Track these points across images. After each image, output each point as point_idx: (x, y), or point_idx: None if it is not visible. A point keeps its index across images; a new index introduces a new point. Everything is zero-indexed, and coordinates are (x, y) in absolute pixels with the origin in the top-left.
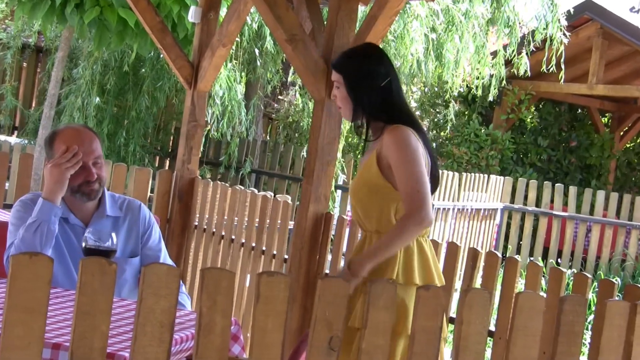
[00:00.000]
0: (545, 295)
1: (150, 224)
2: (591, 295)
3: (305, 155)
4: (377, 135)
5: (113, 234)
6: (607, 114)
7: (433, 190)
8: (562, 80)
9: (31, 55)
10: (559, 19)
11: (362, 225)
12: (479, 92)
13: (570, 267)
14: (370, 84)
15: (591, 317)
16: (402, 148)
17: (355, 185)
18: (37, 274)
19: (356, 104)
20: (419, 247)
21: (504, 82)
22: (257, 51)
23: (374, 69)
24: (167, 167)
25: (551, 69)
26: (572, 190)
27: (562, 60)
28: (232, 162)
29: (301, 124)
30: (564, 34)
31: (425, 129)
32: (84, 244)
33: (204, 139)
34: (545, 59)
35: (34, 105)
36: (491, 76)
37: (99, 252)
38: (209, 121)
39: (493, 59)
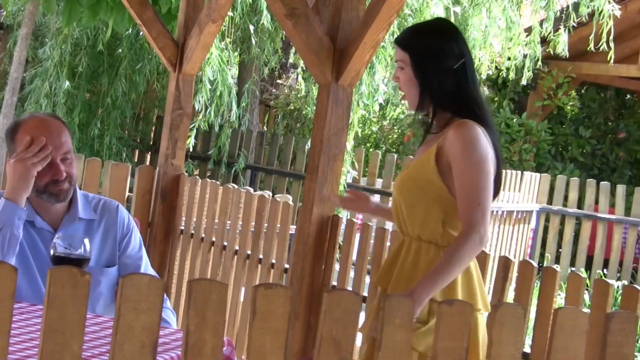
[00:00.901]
0: (588, 311)
1: (130, 229)
2: None
3: (308, 149)
4: (441, 128)
5: (86, 240)
6: None
7: (494, 197)
8: (611, 61)
9: None
10: None
11: (401, 228)
12: (511, 75)
13: (619, 279)
14: (441, 65)
15: None
16: (468, 150)
17: (403, 179)
18: None
19: (424, 89)
20: None
21: (540, 63)
22: (252, 28)
23: (446, 47)
24: (148, 163)
25: (601, 47)
26: (620, 189)
27: (611, 37)
28: (224, 157)
29: (304, 112)
30: (613, 7)
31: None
32: (52, 252)
33: (190, 130)
34: (592, 35)
35: None
36: (525, 56)
37: (69, 261)
38: (196, 109)
39: (527, 36)
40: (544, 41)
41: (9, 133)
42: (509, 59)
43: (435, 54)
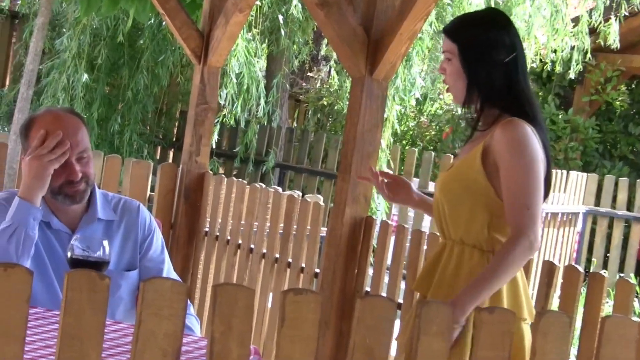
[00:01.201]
0: (638, 320)
1: (151, 230)
2: None
3: (340, 146)
4: (488, 126)
5: (105, 242)
6: None
7: (544, 199)
8: None
9: (4, 23)
10: None
11: (443, 230)
12: (557, 68)
13: None
14: (491, 57)
15: None
16: (517, 150)
17: (447, 178)
18: (13, 290)
19: (472, 83)
20: None
21: (588, 55)
22: (281, 18)
23: (498, 39)
24: (170, 160)
25: None
26: None
27: None
28: (251, 154)
29: (336, 108)
30: None
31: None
32: (69, 254)
33: (215, 126)
34: None
35: (7, 83)
36: (572, 48)
37: (88, 264)
38: (222, 104)
39: (574, 26)
40: (593, 32)
41: (23, 129)
42: (554, 51)
43: (486, 45)
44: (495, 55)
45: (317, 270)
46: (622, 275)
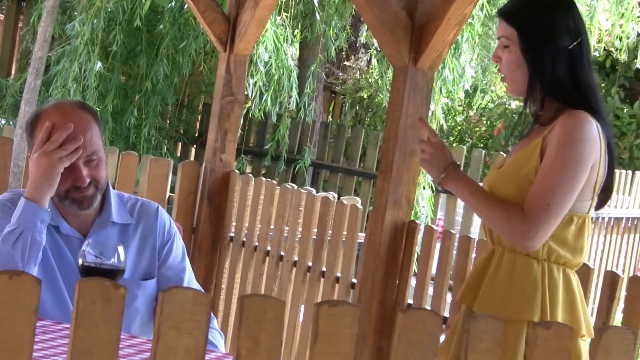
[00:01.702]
0: None
1: (171, 235)
2: None
3: (380, 143)
4: (547, 121)
5: (120, 248)
6: None
7: (598, 207)
8: None
9: (9, 6)
10: None
11: (491, 235)
12: (622, 57)
13: None
14: (555, 44)
15: None
16: (567, 145)
17: (498, 177)
18: (19, 300)
19: (534, 72)
20: (566, 282)
21: None
22: (315, 1)
23: (562, 23)
24: (192, 158)
25: None
26: None
27: None
28: (282, 152)
29: (376, 100)
30: None
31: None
32: (81, 261)
33: (243, 120)
34: None
35: (13, 72)
36: (639, 35)
37: (101, 272)
38: (249, 95)
39: None
40: None
41: (29, 126)
42: (619, 38)
43: (550, 31)
44: (560, 41)
45: (354, 281)
46: None
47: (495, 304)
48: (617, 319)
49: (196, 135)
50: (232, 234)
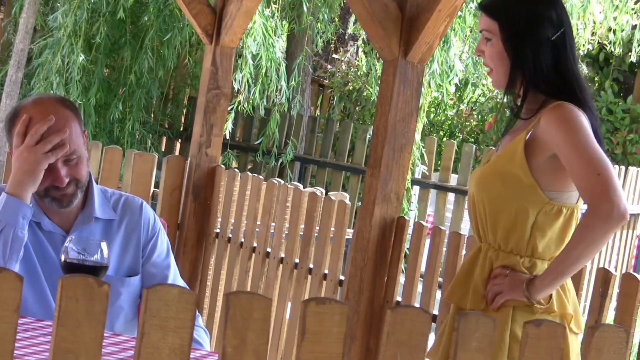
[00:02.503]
0: None
1: (156, 231)
2: None
3: (370, 138)
4: (532, 113)
5: (104, 244)
6: None
7: None
8: None
9: None
10: None
11: (479, 232)
12: (615, 50)
13: None
14: (538, 35)
15: None
16: (571, 127)
17: (485, 172)
18: (1, 297)
19: (516, 64)
20: None
21: None
22: None
23: (544, 14)
24: (177, 152)
25: None
26: None
27: None
28: (272, 146)
29: (365, 94)
30: None
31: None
32: (63, 258)
33: (229, 114)
34: None
35: None
36: (633, 28)
37: (84, 269)
38: (236, 89)
39: (636, 2)
40: None
41: (8, 122)
42: (613, 30)
43: (531, 22)
44: (542, 32)
45: (342, 278)
46: None
47: (482, 302)
48: (610, 316)
49: (181, 129)
50: (218, 230)
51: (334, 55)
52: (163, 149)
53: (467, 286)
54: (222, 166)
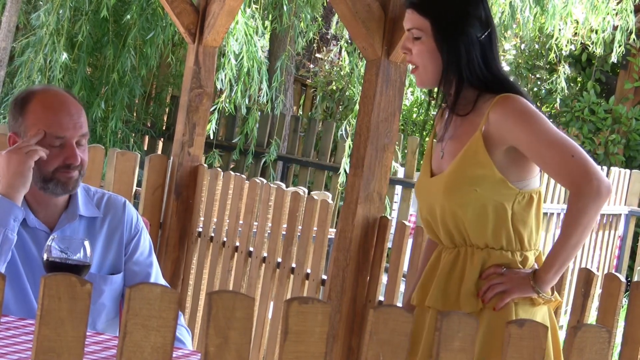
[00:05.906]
0: None
1: (138, 229)
2: None
3: (352, 137)
4: (468, 109)
5: (86, 242)
6: None
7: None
8: None
9: None
10: None
11: (452, 238)
12: (598, 51)
13: None
14: (469, 34)
15: None
16: (528, 117)
17: (452, 183)
18: None
19: (449, 62)
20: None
21: (633, 36)
22: None
23: (475, 12)
24: (160, 151)
25: None
26: None
27: None
28: (251, 145)
29: (347, 93)
30: None
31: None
32: (46, 256)
33: (211, 113)
34: None
35: None
36: (615, 28)
37: (67, 267)
38: (219, 88)
39: (618, 3)
40: (639, 10)
41: (19, 103)
42: (595, 31)
43: (463, 21)
44: (472, 31)
45: (325, 277)
46: None
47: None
48: (592, 316)
49: (164, 128)
50: (200, 229)
51: (317, 55)
52: (145, 148)
53: (450, 290)
54: (205, 165)
